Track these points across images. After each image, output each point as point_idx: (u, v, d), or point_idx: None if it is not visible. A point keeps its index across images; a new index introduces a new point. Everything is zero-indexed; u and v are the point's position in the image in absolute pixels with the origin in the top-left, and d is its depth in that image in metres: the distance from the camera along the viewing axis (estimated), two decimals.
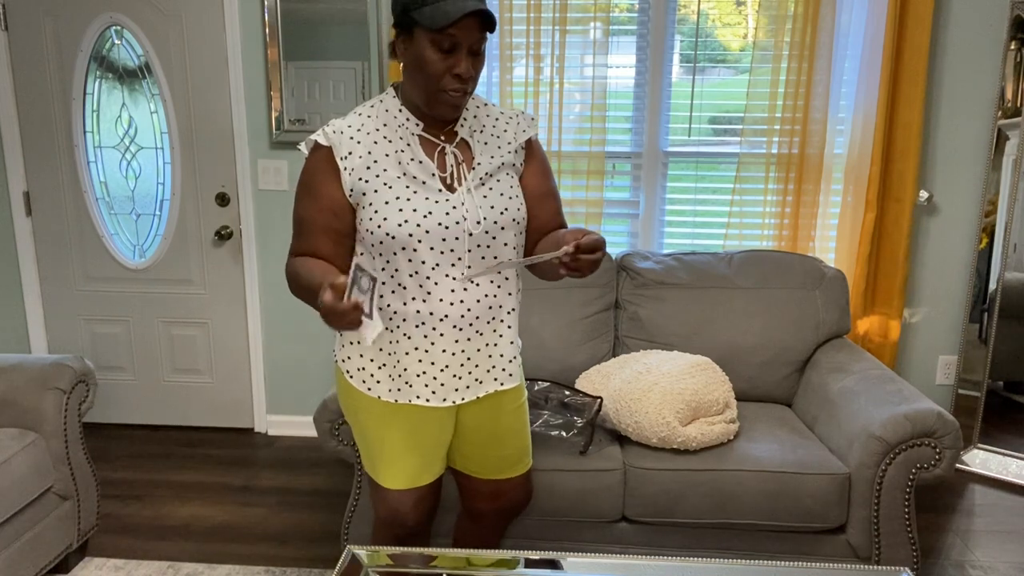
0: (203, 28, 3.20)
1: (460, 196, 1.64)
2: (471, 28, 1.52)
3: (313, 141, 1.67)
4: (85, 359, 2.83)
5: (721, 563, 1.74)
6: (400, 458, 1.78)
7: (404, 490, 1.81)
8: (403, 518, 1.83)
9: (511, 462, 1.89)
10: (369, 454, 1.82)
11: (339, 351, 1.79)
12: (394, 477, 1.80)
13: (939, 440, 2.12)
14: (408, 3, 1.53)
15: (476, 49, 1.56)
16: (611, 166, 3.24)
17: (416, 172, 1.64)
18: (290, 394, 3.54)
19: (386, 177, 1.63)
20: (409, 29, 1.55)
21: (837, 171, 3.10)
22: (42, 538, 2.30)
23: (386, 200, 1.62)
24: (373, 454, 1.81)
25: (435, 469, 1.84)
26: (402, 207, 1.61)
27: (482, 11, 1.51)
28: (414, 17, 1.52)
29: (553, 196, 1.83)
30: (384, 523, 1.86)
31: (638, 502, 2.23)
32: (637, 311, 2.77)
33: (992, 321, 3.09)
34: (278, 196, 3.33)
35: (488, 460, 1.87)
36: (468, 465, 1.90)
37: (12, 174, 3.38)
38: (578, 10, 3.02)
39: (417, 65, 1.56)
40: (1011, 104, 2.99)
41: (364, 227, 1.64)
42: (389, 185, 1.62)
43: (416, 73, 1.58)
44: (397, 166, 1.64)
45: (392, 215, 1.61)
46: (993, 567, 2.52)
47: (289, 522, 2.80)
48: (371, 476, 1.85)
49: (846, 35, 2.98)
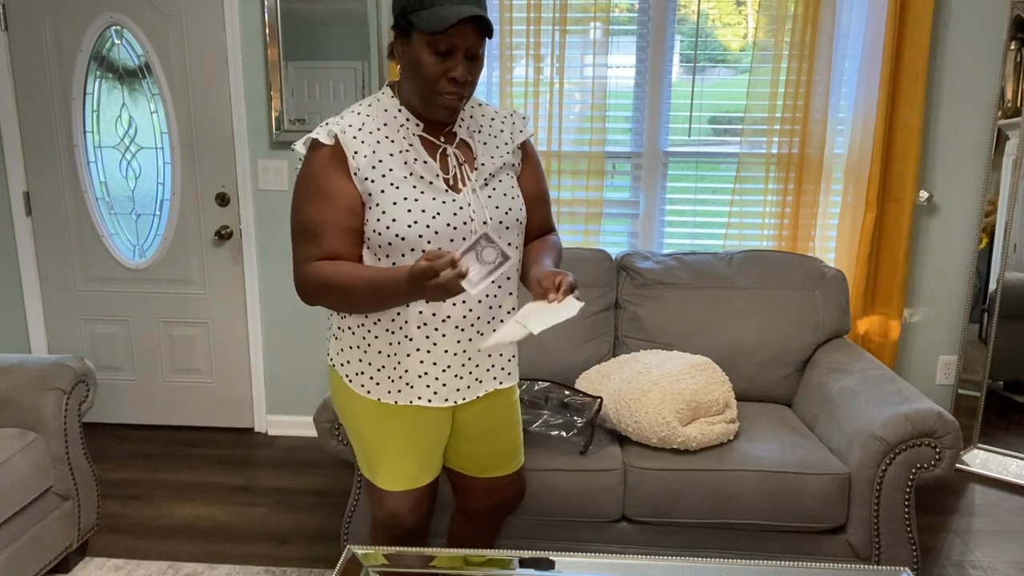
0: (203, 28, 3.21)
1: (466, 196, 1.64)
2: (467, 33, 1.53)
3: (312, 139, 1.63)
4: (85, 359, 2.83)
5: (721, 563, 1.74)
6: (399, 459, 1.78)
7: (403, 492, 1.80)
8: (402, 520, 1.83)
9: (505, 459, 1.90)
10: (367, 457, 1.81)
11: (336, 355, 1.78)
12: (393, 479, 1.79)
13: (939, 440, 2.12)
14: (406, 6, 1.54)
15: (473, 53, 1.56)
16: (611, 166, 3.24)
17: (423, 172, 1.63)
18: (290, 394, 3.54)
19: (392, 177, 1.61)
20: (407, 32, 1.55)
21: (837, 171, 3.10)
22: (42, 538, 2.30)
23: (394, 201, 1.60)
24: (371, 457, 1.80)
25: (433, 469, 1.84)
26: (411, 208, 1.60)
27: (479, 16, 1.51)
28: (412, 20, 1.53)
29: (546, 200, 1.85)
30: (382, 525, 1.86)
31: (638, 502, 2.23)
32: (637, 311, 2.77)
33: (992, 321, 3.09)
34: (278, 196, 3.33)
35: (484, 457, 1.88)
36: (463, 463, 1.90)
37: (12, 174, 3.38)
38: (578, 10, 3.02)
39: (414, 68, 1.56)
40: (1011, 104, 2.99)
41: (370, 228, 1.62)
42: (396, 185, 1.61)
43: (413, 76, 1.58)
44: (403, 166, 1.62)
45: (401, 216, 1.59)
46: (993, 567, 2.52)
47: (289, 522, 2.80)
48: (368, 479, 1.84)
49: (846, 35, 2.98)
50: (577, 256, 2.82)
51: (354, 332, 1.72)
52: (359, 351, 1.73)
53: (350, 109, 1.68)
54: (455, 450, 1.89)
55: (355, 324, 1.72)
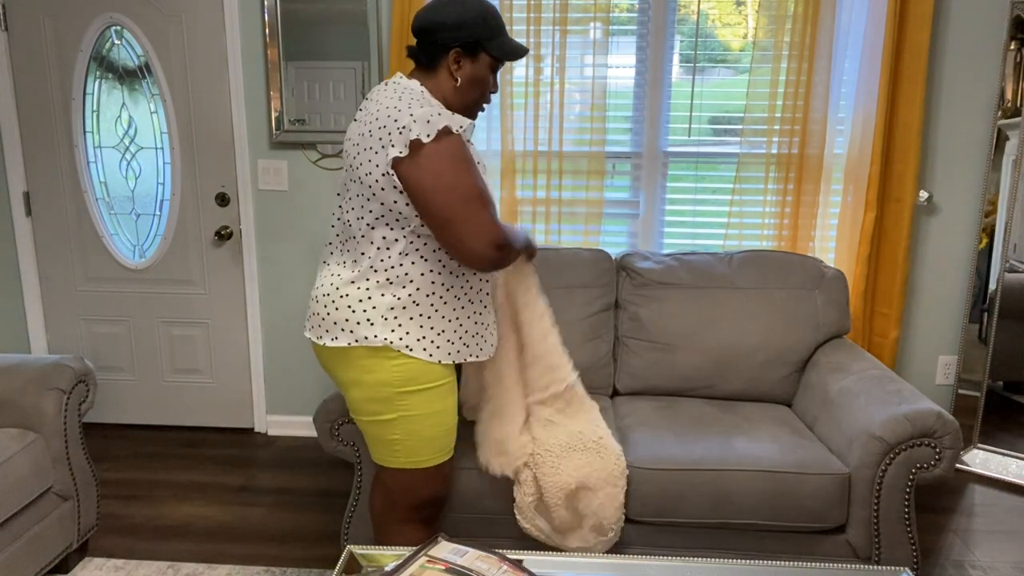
0: (203, 28, 3.21)
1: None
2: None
3: (446, 126, 1.75)
4: (85, 359, 2.83)
5: (721, 563, 1.74)
6: (454, 422, 1.97)
7: (447, 461, 1.99)
8: (445, 493, 2.03)
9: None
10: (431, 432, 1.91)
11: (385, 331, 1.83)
12: (444, 448, 1.96)
13: (939, 440, 2.12)
14: (478, 31, 1.82)
15: None
16: (611, 166, 3.24)
17: (478, 159, 1.91)
18: (290, 394, 3.54)
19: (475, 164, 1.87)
20: (475, 51, 1.84)
21: (837, 171, 3.10)
22: (42, 538, 2.30)
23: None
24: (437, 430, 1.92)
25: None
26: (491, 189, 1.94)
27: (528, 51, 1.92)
28: (484, 45, 1.84)
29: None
30: (429, 503, 1.99)
31: (638, 502, 2.23)
32: (637, 311, 2.77)
33: (992, 321, 3.10)
34: (278, 196, 3.33)
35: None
36: None
37: (12, 174, 3.38)
38: (578, 10, 3.02)
39: (475, 82, 1.87)
40: (1011, 104, 3.00)
41: None
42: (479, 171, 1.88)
43: (471, 88, 1.87)
44: (472, 155, 1.87)
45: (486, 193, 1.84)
46: (993, 567, 2.52)
47: (289, 522, 2.80)
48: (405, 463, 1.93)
49: (846, 35, 2.98)
50: (577, 256, 2.82)
51: (417, 302, 1.84)
52: (424, 318, 1.85)
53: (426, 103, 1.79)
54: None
55: (424, 292, 1.85)
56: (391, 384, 1.84)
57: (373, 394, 1.86)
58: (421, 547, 1.67)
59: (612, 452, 2.17)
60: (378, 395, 1.86)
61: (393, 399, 1.85)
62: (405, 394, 1.85)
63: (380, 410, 1.87)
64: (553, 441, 2.15)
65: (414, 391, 1.85)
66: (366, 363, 1.84)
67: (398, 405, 1.86)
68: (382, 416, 1.88)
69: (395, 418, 1.87)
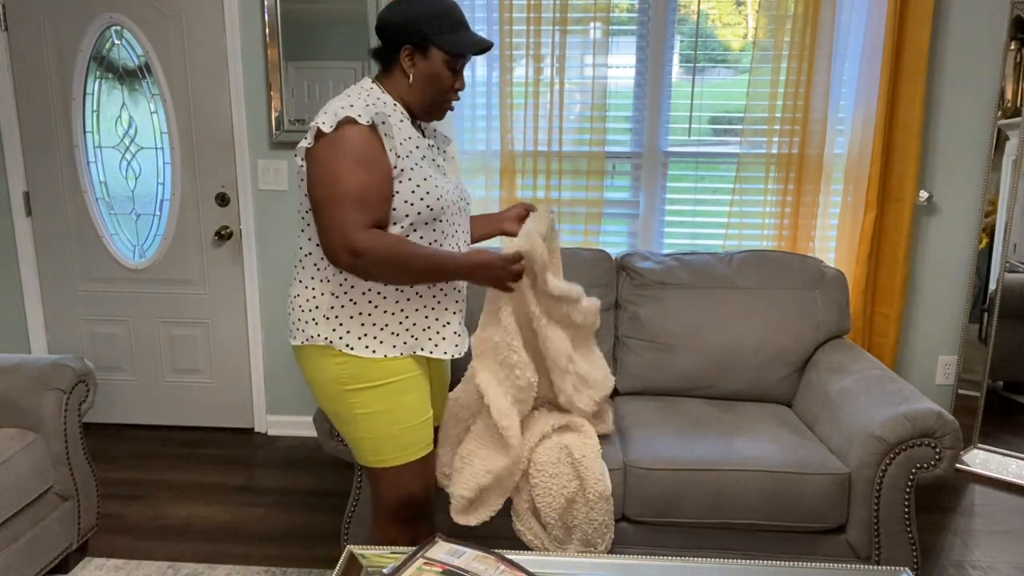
0: (203, 28, 3.21)
1: (452, 179, 1.94)
2: (472, 56, 1.84)
3: (347, 117, 1.70)
4: (85, 359, 2.83)
5: (721, 563, 1.74)
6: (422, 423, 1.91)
7: (414, 461, 1.91)
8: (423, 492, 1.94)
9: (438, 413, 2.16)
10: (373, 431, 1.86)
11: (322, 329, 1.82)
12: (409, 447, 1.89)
13: (939, 440, 2.12)
14: (425, 27, 1.77)
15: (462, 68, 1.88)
16: (611, 166, 3.24)
17: (432, 156, 1.88)
18: (290, 394, 3.54)
19: (415, 156, 1.81)
20: (425, 48, 1.79)
21: (837, 171, 3.10)
22: (42, 538, 2.30)
23: (424, 176, 1.80)
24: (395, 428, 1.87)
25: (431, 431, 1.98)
26: (437, 183, 1.82)
27: (491, 45, 1.84)
28: (433, 40, 1.78)
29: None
30: (406, 504, 1.94)
31: (638, 502, 2.23)
32: (637, 311, 2.77)
33: (992, 321, 3.10)
34: (278, 196, 3.33)
35: (437, 411, 2.14)
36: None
37: (12, 174, 3.38)
38: (578, 10, 3.02)
39: (429, 79, 1.82)
40: (1011, 104, 3.00)
41: (401, 199, 1.77)
42: (420, 165, 1.81)
43: (425, 85, 1.82)
44: (417, 149, 1.82)
45: (431, 189, 1.80)
46: (993, 567, 2.52)
47: (289, 522, 2.80)
48: (372, 462, 1.89)
49: (846, 35, 2.98)
50: (577, 256, 2.82)
51: (355, 300, 1.82)
52: (364, 315, 1.82)
53: (356, 96, 1.78)
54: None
55: (359, 290, 1.81)
56: (339, 382, 1.84)
57: (327, 392, 1.87)
58: (418, 548, 1.67)
59: (593, 474, 2.17)
60: (330, 393, 1.87)
61: (344, 397, 1.85)
62: (354, 391, 1.84)
63: (338, 409, 1.88)
64: (544, 459, 2.17)
65: (362, 388, 1.84)
66: (318, 362, 1.86)
67: (351, 403, 1.85)
68: (342, 415, 1.89)
69: (356, 416, 1.86)
